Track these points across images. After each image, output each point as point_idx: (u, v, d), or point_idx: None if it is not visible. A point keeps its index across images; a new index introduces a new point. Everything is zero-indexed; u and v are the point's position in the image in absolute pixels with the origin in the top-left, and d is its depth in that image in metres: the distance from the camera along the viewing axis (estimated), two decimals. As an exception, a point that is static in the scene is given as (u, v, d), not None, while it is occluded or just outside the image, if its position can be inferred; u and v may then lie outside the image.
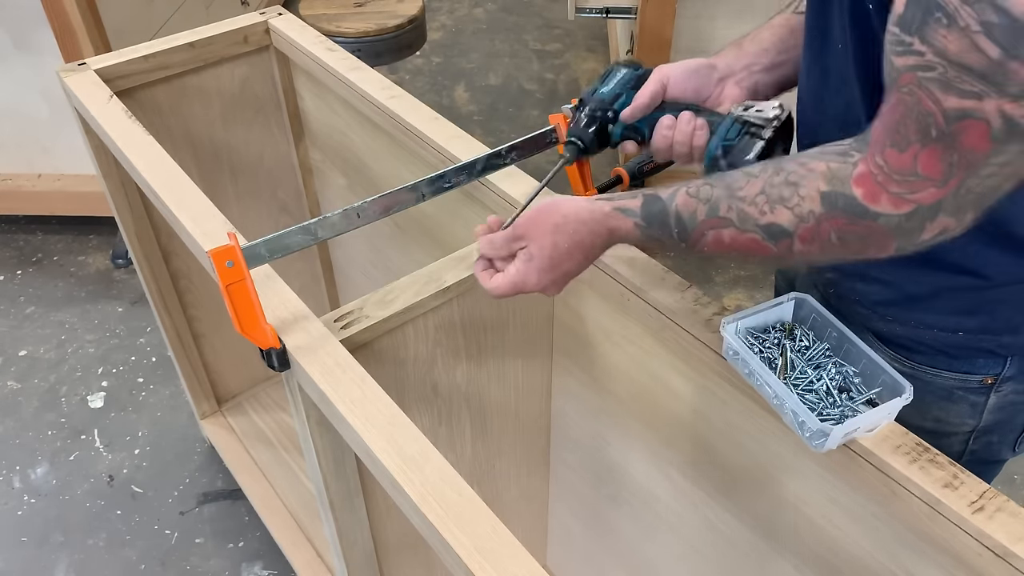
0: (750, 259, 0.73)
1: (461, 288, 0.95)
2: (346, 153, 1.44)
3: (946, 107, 0.54)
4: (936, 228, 0.60)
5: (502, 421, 1.17)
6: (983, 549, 0.67)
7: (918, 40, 0.53)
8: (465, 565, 0.66)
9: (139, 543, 1.72)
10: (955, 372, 0.82)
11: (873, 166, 0.60)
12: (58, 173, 2.34)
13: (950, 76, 0.53)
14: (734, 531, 0.98)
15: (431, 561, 1.23)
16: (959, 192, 0.58)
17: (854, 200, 0.62)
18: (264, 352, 0.85)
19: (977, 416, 0.85)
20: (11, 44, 2.08)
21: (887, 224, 0.61)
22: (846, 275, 0.85)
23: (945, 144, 0.56)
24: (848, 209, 0.62)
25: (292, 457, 1.71)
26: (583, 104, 0.90)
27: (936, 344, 0.81)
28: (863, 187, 0.61)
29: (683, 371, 0.92)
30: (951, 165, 0.56)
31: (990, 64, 0.51)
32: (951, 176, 0.57)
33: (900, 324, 0.82)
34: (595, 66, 3.30)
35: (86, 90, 1.24)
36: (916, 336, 0.82)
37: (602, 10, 2.53)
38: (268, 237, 0.83)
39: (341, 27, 2.15)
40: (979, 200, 0.58)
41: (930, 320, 0.80)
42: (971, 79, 0.52)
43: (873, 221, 0.61)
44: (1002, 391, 0.82)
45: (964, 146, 0.55)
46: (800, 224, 0.65)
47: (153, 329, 2.18)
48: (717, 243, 0.71)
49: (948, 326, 0.80)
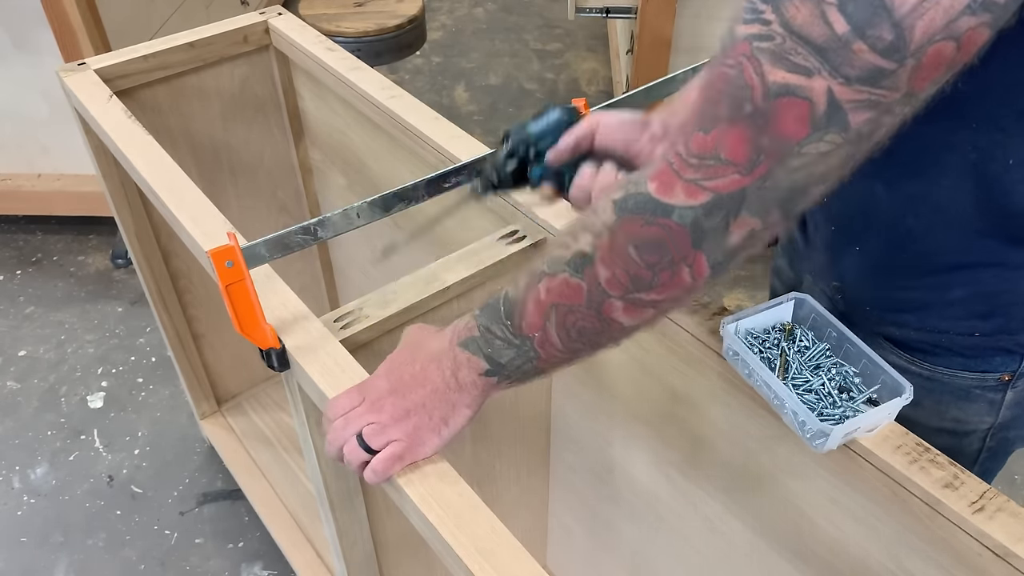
0: (572, 329, 0.61)
1: (461, 288, 0.95)
2: (346, 153, 1.44)
3: (769, 80, 0.48)
4: (742, 229, 0.53)
5: (502, 421, 1.17)
6: (983, 549, 0.67)
7: (770, 9, 0.48)
8: (465, 565, 0.66)
9: (139, 543, 1.72)
10: (972, 372, 0.81)
11: (672, 155, 0.53)
12: (58, 173, 2.34)
13: (786, 47, 0.47)
14: (734, 531, 0.98)
15: (431, 561, 1.23)
16: (764, 184, 0.51)
17: (646, 196, 0.54)
18: (264, 352, 0.85)
19: (995, 413, 0.84)
20: (11, 44, 2.08)
21: (682, 220, 0.53)
22: (854, 283, 0.84)
23: (756, 124, 0.49)
24: (639, 207, 0.54)
25: (292, 457, 1.71)
26: (507, 138, 0.83)
27: (952, 347, 0.80)
28: (656, 180, 0.54)
29: (683, 371, 0.92)
30: (759, 150, 0.50)
31: (833, 39, 0.46)
32: (757, 163, 0.50)
33: (914, 330, 0.81)
34: (595, 66, 3.31)
35: (86, 90, 1.24)
36: (931, 340, 0.81)
37: (602, 10, 2.53)
38: (268, 237, 0.83)
39: (341, 27, 2.15)
40: (785, 199, 0.52)
41: (945, 325, 0.79)
42: (807, 52, 0.47)
43: (667, 218, 0.53)
44: (1019, 386, 0.81)
45: (777, 127, 0.49)
46: (597, 241, 0.57)
47: (153, 329, 2.18)
48: (536, 308, 0.62)
49: (963, 330, 0.79)
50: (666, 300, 0.58)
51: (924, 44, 0.45)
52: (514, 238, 0.99)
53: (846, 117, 0.48)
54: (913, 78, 0.47)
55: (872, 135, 0.50)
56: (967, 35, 0.46)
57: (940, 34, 0.45)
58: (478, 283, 0.97)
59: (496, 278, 0.99)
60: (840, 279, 0.85)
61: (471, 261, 0.96)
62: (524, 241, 0.98)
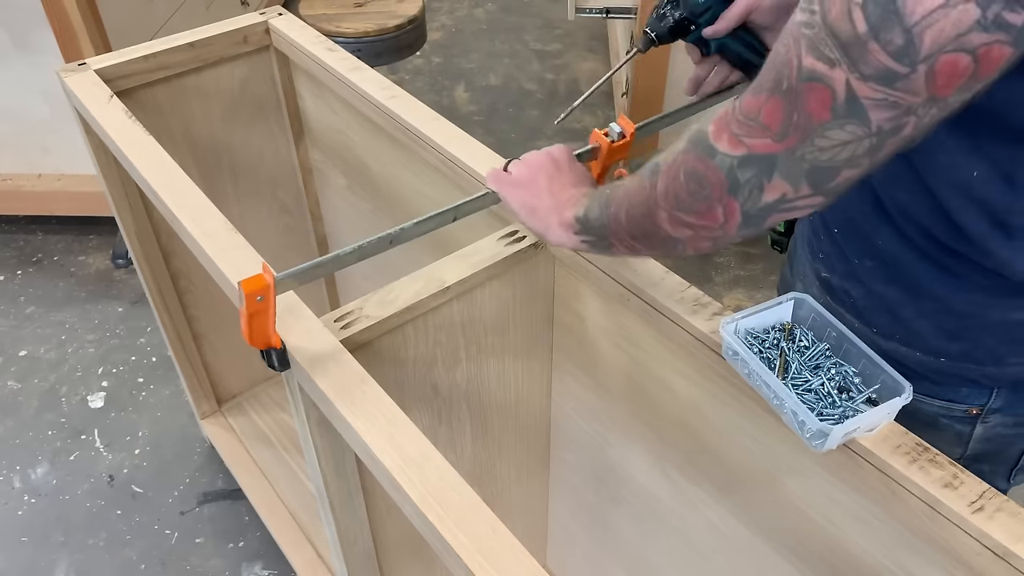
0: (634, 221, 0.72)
1: (461, 288, 0.95)
2: (346, 153, 1.44)
3: (804, 64, 0.53)
4: (776, 191, 0.59)
5: (502, 421, 1.17)
6: (983, 549, 0.67)
7: (817, 1, 0.53)
8: (465, 565, 0.66)
9: (139, 543, 1.72)
10: (939, 399, 0.82)
11: (731, 107, 0.60)
12: (58, 173, 2.34)
13: (820, 37, 0.52)
14: (734, 531, 0.98)
15: (431, 561, 1.23)
16: (793, 154, 0.56)
17: (704, 135, 0.62)
18: (264, 352, 0.85)
19: (963, 445, 0.84)
20: (11, 44, 2.08)
21: (721, 165, 0.60)
22: (840, 275, 0.85)
23: (790, 99, 0.55)
24: (696, 143, 0.62)
25: (292, 457, 1.71)
26: (673, 5, 0.90)
27: (920, 369, 0.81)
28: (714, 124, 0.61)
29: (683, 371, 0.92)
30: (790, 123, 0.55)
31: (854, 36, 0.50)
32: (787, 134, 0.56)
33: (885, 339, 0.82)
34: (595, 66, 3.31)
35: (86, 90, 1.24)
36: (900, 357, 0.81)
37: (602, 10, 2.53)
38: (299, 269, 0.82)
39: (341, 27, 2.15)
40: (813, 173, 0.57)
41: (912, 340, 0.80)
42: (833, 45, 0.51)
43: (711, 159, 0.61)
44: (989, 422, 0.82)
45: (806, 107, 0.54)
46: (668, 158, 0.66)
47: (153, 329, 2.18)
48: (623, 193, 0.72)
49: (930, 348, 0.79)
50: (702, 228, 0.65)
51: (934, 52, 0.48)
52: (514, 238, 0.99)
53: (865, 112, 0.52)
54: (931, 85, 0.49)
55: (897, 132, 0.53)
56: (983, 50, 0.47)
57: (950, 45, 0.47)
58: (478, 283, 0.97)
59: (496, 278, 0.99)
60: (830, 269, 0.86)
61: (471, 261, 0.96)
62: (524, 241, 0.98)
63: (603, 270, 0.94)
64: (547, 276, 1.04)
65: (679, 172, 0.64)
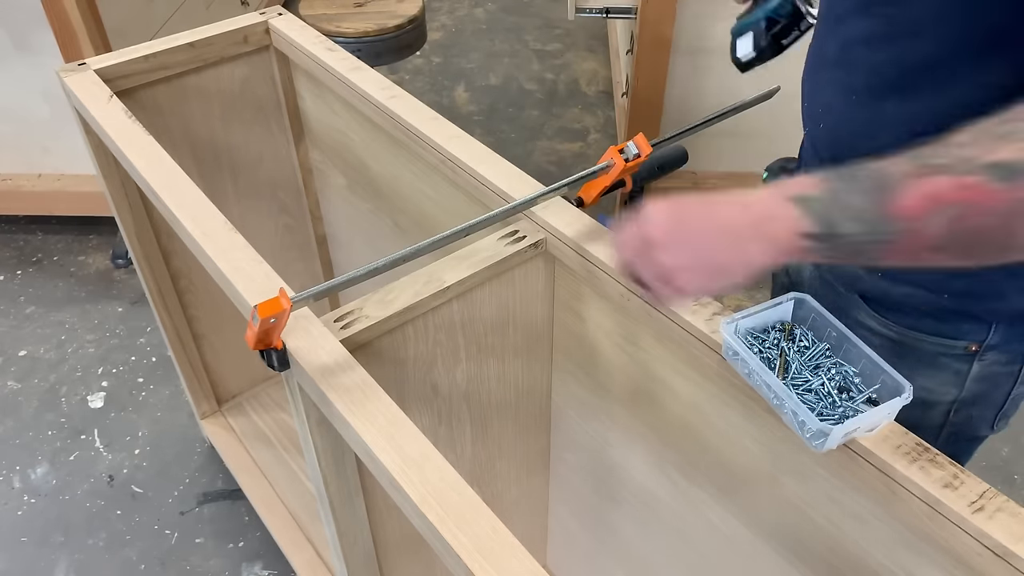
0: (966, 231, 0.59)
1: (461, 288, 0.95)
2: (346, 153, 1.44)
3: None
4: None
5: (502, 421, 1.17)
6: (983, 549, 0.67)
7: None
8: (465, 565, 0.66)
9: (139, 543, 1.72)
10: (941, 337, 0.82)
11: None
12: (58, 173, 2.34)
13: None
14: (734, 531, 0.98)
15: (431, 561, 1.23)
16: None
17: None
18: (264, 352, 0.85)
19: (960, 385, 0.85)
20: (11, 44, 2.08)
21: None
22: None
23: None
24: None
25: (292, 457, 1.71)
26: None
27: (922, 306, 0.82)
28: None
29: (683, 371, 0.92)
30: None
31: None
32: None
33: (888, 279, 0.82)
34: (595, 66, 3.31)
35: (86, 90, 1.24)
36: (903, 296, 0.82)
37: (602, 10, 2.53)
38: (314, 291, 0.83)
39: (341, 27, 2.15)
40: None
41: (917, 277, 0.80)
42: None
43: None
44: (985, 359, 0.83)
45: None
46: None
47: (153, 329, 2.18)
48: (924, 199, 0.58)
49: (934, 285, 0.80)
50: None
51: None
52: (514, 238, 0.99)
53: None
54: None
55: None
56: None
57: None
58: (478, 283, 0.97)
59: (496, 278, 0.99)
60: None
61: (471, 261, 0.96)
62: (524, 241, 0.98)
63: (603, 270, 0.94)
64: (547, 276, 1.04)
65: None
